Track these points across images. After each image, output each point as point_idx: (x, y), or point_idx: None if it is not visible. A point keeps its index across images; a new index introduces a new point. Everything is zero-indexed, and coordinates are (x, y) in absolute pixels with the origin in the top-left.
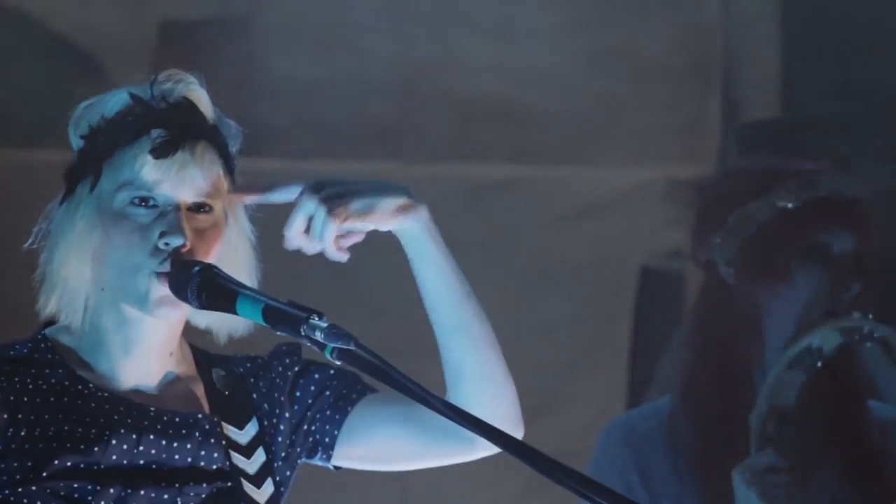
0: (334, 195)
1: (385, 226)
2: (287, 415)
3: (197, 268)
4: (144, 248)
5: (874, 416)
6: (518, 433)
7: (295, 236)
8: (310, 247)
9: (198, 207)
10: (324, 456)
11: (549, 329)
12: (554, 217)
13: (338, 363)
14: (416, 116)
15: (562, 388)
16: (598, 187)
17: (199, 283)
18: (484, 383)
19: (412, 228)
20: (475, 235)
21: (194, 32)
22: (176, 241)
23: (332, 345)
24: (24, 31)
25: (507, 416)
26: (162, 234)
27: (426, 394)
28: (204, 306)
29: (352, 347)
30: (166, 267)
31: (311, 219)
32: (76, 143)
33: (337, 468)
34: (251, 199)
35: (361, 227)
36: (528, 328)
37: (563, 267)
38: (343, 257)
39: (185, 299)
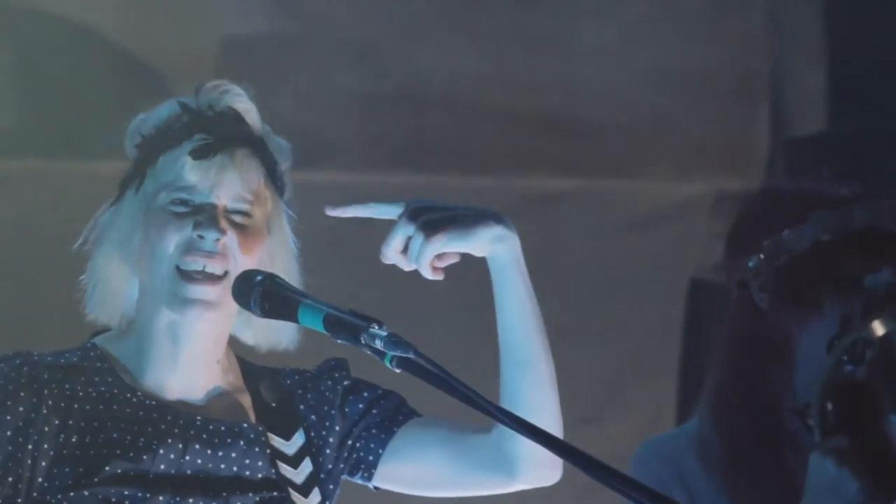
0: (435, 220)
1: (480, 252)
2: (337, 427)
3: (260, 276)
4: (178, 240)
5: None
6: (557, 473)
7: (392, 254)
8: (405, 265)
9: (235, 211)
10: (365, 474)
11: (600, 339)
12: (604, 229)
13: (397, 371)
14: (470, 130)
15: (611, 397)
16: (648, 201)
17: (262, 292)
18: (535, 419)
19: (503, 257)
20: (526, 247)
21: (254, 47)
22: (210, 234)
23: (392, 353)
24: (87, 45)
25: (549, 455)
26: (196, 226)
27: (485, 402)
28: (266, 314)
29: (411, 356)
30: (196, 260)
31: (409, 239)
32: (131, 153)
33: (376, 488)
34: (348, 212)
35: (457, 251)
36: (579, 338)
37: (613, 279)
38: (437, 277)
39: (247, 307)
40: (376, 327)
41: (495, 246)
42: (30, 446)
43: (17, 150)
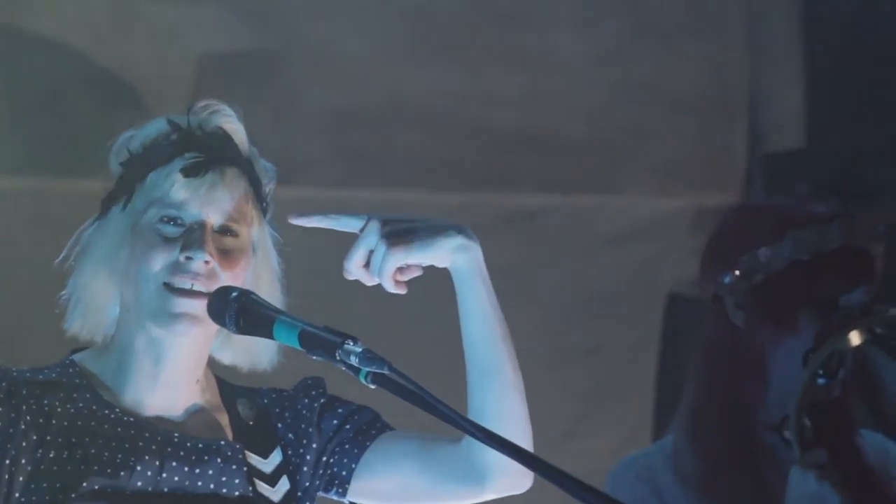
0: (395, 232)
1: (442, 263)
2: (314, 445)
3: (235, 293)
4: (165, 260)
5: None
6: (527, 481)
7: (354, 269)
8: (368, 280)
9: (224, 230)
10: (340, 490)
11: (578, 355)
12: (583, 245)
13: (372, 387)
14: (447, 146)
15: (588, 413)
16: (627, 216)
17: (238, 309)
18: (503, 427)
19: (464, 267)
20: (505, 263)
21: (232, 65)
22: (198, 256)
23: (367, 369)
24: (67, 63)
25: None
26: (184, 248)
27: (458, 416)
28: (242, 331)
29: (385, 371)
30: (185, 281)
31: (370, 252)
32: (116, 170)
33: None
34: (311, 222)
35: (419, 262)
36: (558, 354)
37: (591, 294)
38: (400, 291)
39: (222, 324)
40: (351, 343)
41: (456, 256)
42: (7, 461)
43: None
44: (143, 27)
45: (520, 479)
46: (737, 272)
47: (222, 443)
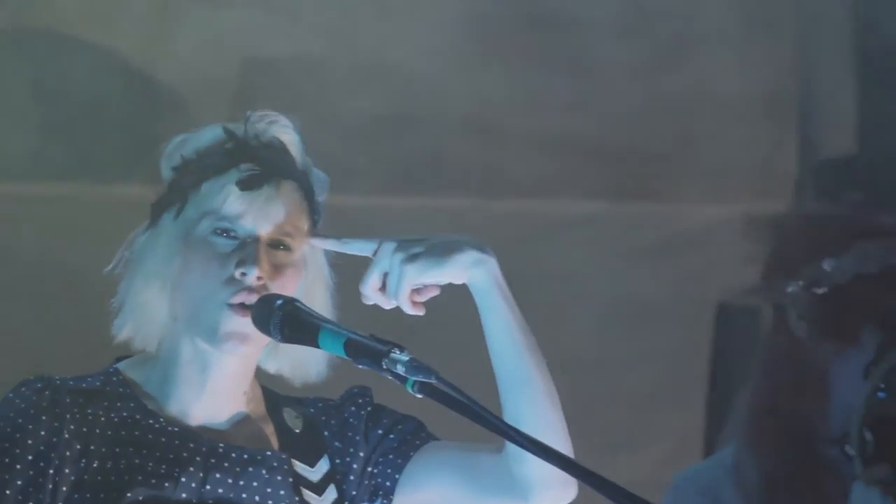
0: (409, 252)
1: (458, 280)
2: (361, 454)
3: (280, 301)
4: (220, 276)
5: None
6: (571, 491)
7: (370, 292)
8: (385, 303)
9: (277, 244)
10: (384, 501)
11: (627, 364)
12: (632, 253)
13: (419, 396)
14: (492, 153)
15: (638, 423)
16: (676, 223)
17: (282, 317)
18: (538, 437)
19: (482, 282)
20: (554, 271)
21: (274, 70)
22: (252, 272)
23: (414, 378)
24: (108, 67)
25: (561, 475)
26: (239, 264)
27: (507, 427)
28: (286, 339)
29: (433, 381)
30: (239, 298)
31: (385, 275)
32: (167, 174)
33: None
34: (326, 244)
35: (435, 281)
36: (606, 363)
37: (641, 302)
38: (419, 312)
39: (267, 332)
40: (398, 352)
41: (473, 271)
42: (51, 471)
43: (36, 173)
44: (186, 30)
45: (563, 490)
46: (801, 282)
47: (268, 453)
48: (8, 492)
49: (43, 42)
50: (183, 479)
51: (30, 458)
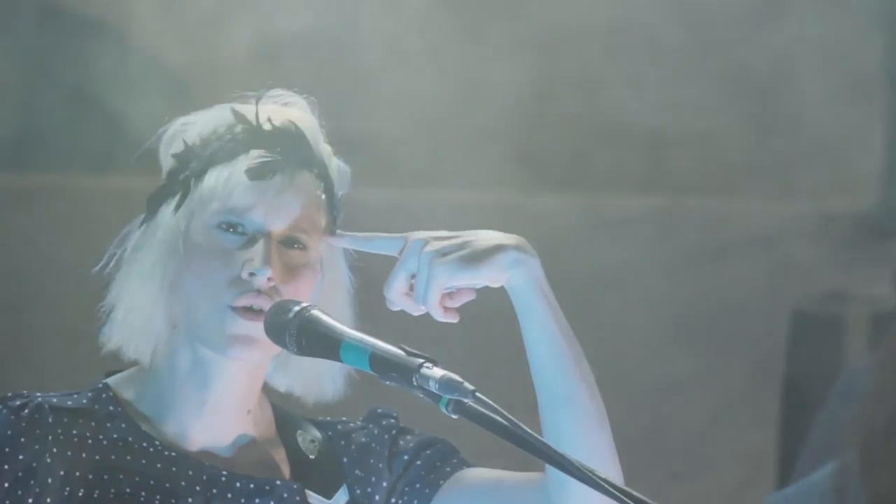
0: (439, 251)
1: (496, 282)
2: (384, 483)
3: (296, 308)
4: (225, 276)
5: None
6: None
7: (396, 297)
8: (413, 309)
9: (290, 242)
10: None
11: (688, 382)
12: (694, 253)
13: (453, 416)
14: (535, 141)
15: (701, 450)
16: (744, 221)
17: (300, 326)
18: (582, 461)
19: (523, 284)
20: (605, 273)
21: (286, 51)
22: (261, 273)
23: (448, 396)
24: (119, 53)
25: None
26: (247, 263)
27: (550, 450)
28: (303, 352)
29: (469, 400)
30: (245, 301)
31: (413, 277)
32: (167, 162)
33: None
34: (346, 241)
35: (470, 284)
36: (664, 381)
37: (704, 310)
38: (452, 319)
39: (282, 344)
40: (430, 367)
41: (512, 272)
42: (30, 500)
43: (23, 163)
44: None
45: None
46: None
47: (278, 482)
48: None
49: (40, 21)
50: None
51: (6, 485)
